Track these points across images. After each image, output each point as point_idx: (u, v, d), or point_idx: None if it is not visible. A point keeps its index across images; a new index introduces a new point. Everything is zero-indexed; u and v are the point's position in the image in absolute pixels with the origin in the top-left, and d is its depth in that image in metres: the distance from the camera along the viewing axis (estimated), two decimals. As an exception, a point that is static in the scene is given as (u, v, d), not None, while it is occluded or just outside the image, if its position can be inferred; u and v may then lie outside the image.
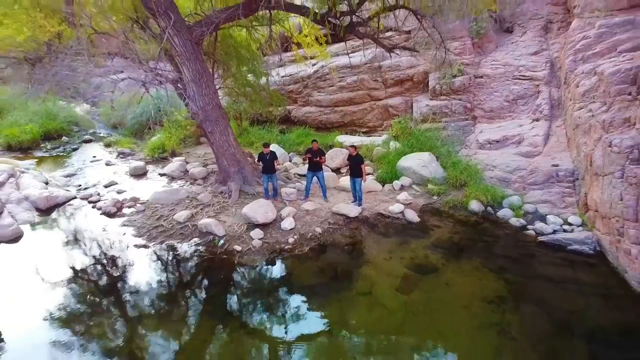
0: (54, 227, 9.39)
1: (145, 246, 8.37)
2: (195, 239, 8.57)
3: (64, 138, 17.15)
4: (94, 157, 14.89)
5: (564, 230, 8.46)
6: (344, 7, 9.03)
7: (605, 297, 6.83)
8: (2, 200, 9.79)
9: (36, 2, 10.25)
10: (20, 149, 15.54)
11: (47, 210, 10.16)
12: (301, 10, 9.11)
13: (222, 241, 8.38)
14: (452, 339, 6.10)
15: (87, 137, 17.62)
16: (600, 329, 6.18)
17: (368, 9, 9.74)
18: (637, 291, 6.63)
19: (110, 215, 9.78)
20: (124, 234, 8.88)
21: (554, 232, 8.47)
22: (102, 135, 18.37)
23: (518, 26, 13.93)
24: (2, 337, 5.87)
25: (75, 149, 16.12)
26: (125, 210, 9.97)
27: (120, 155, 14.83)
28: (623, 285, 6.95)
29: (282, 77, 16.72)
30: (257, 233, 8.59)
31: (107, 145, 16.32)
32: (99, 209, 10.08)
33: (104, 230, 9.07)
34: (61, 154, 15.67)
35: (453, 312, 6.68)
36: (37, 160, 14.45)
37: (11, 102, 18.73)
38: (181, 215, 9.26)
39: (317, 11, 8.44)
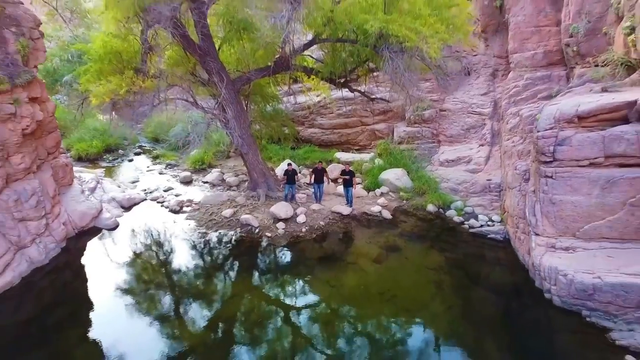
0: (138, 220, 12.64)
1: (205, 233, 11.66)
2: (239, 229, 11.84)
3: (120, 151, 20.39)
4: (148, 167, 18.16)
5: (488, 225, 11.78)
6: (339, 69, 12.33)
7: (504, 266, 10.14)
8: (99, 200, 13.04)
9: (120, 58, 13.54)
10: (88, 160, 18.74)
11: (129, 207, 13.42)
12: (311, 72, 12.43)
13: (257, 230, 11.67)
14: (405, 289, 9.36)
15: (137, 150, 20.89)
16: (498, 284, 9.49)
17: (357, 73, 13.06)
18: (521, 263, 9.90)
19: (175, 212, 13.05)
20: (189, 224, 12.16)
21: (481, 226, 11.78)
22: (147, 148, 21.62)
23: (474, 72, 17.24)
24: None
25: (130, 160, 19.38)
26: (185, 209, 13.24)
27: (168, 166, 18.09)
28: (516, 259, 10.18)
29: (293, 104, 19.98)
30: (280, 225, 11.88)
31: (155, 158, 19.55)
32: (166, 207, 13.35)
33: (174, 222, 12.35)
34: (120, 164, 18.93)
35: (408, 274, 9.99)
36: (104, 169, 17.69)
37: (72, 121, 21.91)
38: (227, 212, 12.53)
39: (323, 75, 11.73)
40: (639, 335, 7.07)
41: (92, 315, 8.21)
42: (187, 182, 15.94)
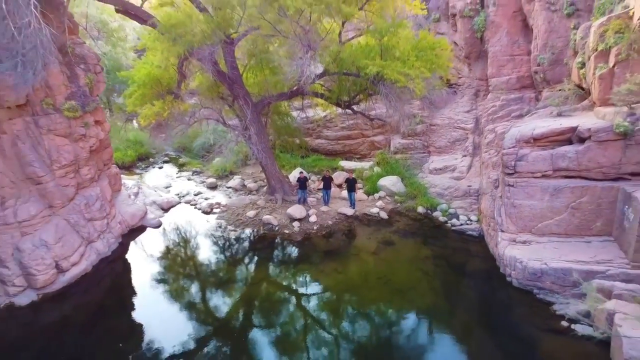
0: (177, 220, 14.67)
1: (234, 230, 13.69)
2: (261, 227, 13.85)
3: (150, 159, 22.45)
4: (177, 174, 20.20)
5: (467, 224, 13.75)
6: (344, 96, 14.40)
7: (478, 257, 12.06)
8: (143, 203, 15.08)
9: (160, 83, 15.58)
10: (124, 167, 20.74)
11: (167, 209, 15.46)
12: (321, 96, 14.52)
13: (277, 228, 13.69)
14: (398, 275, 11.34)
15: (164, 158, 22.93)
16: (472, 270, 11.44)
17: (359, 98, 15.10)
18: (491, 254, 11.86)
19: (207, 213, 15.08)
20: (220, 223, 14.18)
21: (461, 224, 13.75)
22: (173, 156, 23.65)
23: (459, 91, 19.23)
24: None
25: (160, 168, 21.43)
26: (215, 210, 15.27)
27: (194, 173, 20.11)
28: (487, 251, 12.09)
29: (302, 118, 21.97)
30: (296, 224, 13.88)
31: (181, 165, 21.58)
32: (199, 209, 15.38)
33: (207, 222, 14.38)
34: (151, 171, 20.97)
35: (401, 264, 11.95)
36: (138, 176, 19.74)
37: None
38: (250, 213, 14.55)
39: (331, 100, 13.81)
40: (572, 306, 9.01)
41: (144, 297, 10.24)
42: (213, 187, 17.95)
